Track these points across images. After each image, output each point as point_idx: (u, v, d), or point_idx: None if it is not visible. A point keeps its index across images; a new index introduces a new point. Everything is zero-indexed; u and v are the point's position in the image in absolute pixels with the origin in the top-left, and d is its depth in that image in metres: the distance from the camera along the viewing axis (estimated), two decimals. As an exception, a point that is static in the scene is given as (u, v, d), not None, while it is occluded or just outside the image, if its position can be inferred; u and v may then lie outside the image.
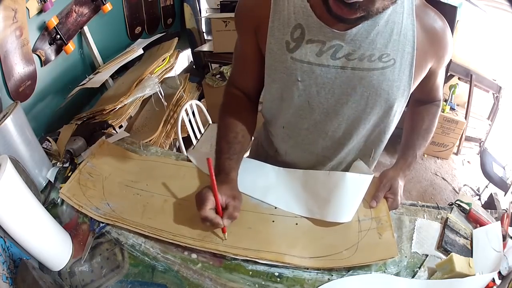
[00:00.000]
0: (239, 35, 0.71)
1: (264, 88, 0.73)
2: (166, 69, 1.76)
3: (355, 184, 0.69)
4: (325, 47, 0.60)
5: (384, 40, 0.59)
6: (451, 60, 2.45)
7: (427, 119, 0.81)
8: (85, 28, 1.65)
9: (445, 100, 2.52)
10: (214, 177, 0.63)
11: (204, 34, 2.87)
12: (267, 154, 0.88)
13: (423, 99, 0.83)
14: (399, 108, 0.68)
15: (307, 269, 0.62)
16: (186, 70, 2.79)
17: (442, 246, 0.67)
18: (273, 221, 0.69)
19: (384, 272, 0.62)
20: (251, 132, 0.77)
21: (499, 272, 0.62)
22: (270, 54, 0.65)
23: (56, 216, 0.73)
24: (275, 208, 0.71)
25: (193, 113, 1.89)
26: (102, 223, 0.70)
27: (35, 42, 1.39)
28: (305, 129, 0.73)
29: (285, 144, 0.80)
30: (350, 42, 0.59)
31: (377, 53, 0.59)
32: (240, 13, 0.68)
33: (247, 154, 0.96)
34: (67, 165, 0.87)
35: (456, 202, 0.77)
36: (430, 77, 0.71)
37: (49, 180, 0.83)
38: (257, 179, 0.77)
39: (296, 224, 0.69)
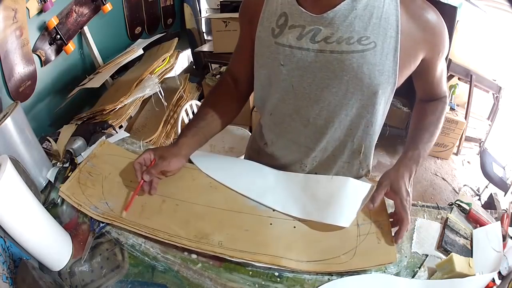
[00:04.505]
0: (239, 26, 0.78)
1: (254, 78, 0.76)
2: (166, 69, 1.76)
3: (357, 190, 0.69)
4: (304, 31, 0.63)
5: (362, 23, 0.59)
6: (451, 60, 2.46)
7: (430, 114, 0.79)
8: (85, 28, 1.66)
9: (445, 100, 2.52)
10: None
11: (204, 34, 2.88)
12: (259, 147, 0.89)
13: (427, 97, 0.82)
14: (384, 96, 0.67)
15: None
16: (186, 70, 2.79)
17: (442, 246, 0.67)
18: (271, 224, 0.68)
19: (384, 272, 0.62)
20: (226, 116, 0.83)
21: (499, 272, 0.62)
22: (258, 41, 0.69)
23: (56, 216, 0.73)
24: (273, 210, 0.71)
25: (193, 113, 1.89)
26: (102, 223, 0.70)
27: (35, 42, 1.40)
28: (288, 116, 0.74)
29: (272, 133, 0.82)
30: (327, 26, 0.60)
31: (355, 36, 0.60)
32: (241, 7, 0.76)
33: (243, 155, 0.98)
34: (67, 165, 0.87)
35: (456, 202, 0.77)
36: (428, 69, 0.70)
37: (49, 180, 0.83)
38: (255, 180, 0.77)
39: (294, 227, 0.68)
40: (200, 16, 2.75)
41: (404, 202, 0.64)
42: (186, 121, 1.80)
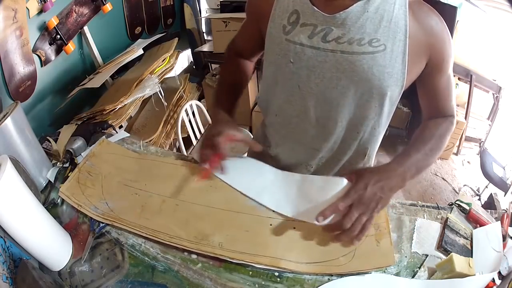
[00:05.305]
0: (246, 14, 0.80)
1: (262, 77, 0.78)
2: (166, 69, 1.76)
3: None
4: (316, 30, 0.63)
5: (373, 26, 0.60)
6: (451, 60, 2.46)
7: (433, 127, 0.73)
8: (85, 28, 1.66)
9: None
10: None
11: (204, 34, 2.88)
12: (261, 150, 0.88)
13: (433, 112, 0.76)
14: (392, 98, 0.67)
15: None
16: (186, 70, 2.79)
17: (442, 246, 0.67)
18: (271, 225, 0.68)
19: (384, 272, 0.63)
20: (246, 76, 0.90)
21: (499, 272, 0.62)
22: (269, 37, 0.69)
23: (56, 216, 0.73)
24: (273, 211, 0.71)
25: (193, 113, 1.89)
26: (102, 223, 0.70)
27: (35, 42, 1.40)
28: (295, 117, 0.74)
29: (277, 135, 0.82)
30: (339, 26, 0.61)
31: (366, 38, 0.60)
32: (247, 5, 0.77)
33: (246, 154, 0.97)
34: (67, 165, 0.87)
35: (456, 202, 0.77)
36: (432, 76, 0.69)
37: (49, 180, 0.83)
38: (255, 178, 0.77)
39: (294, 228, 0.68)
40: (200, 16, 2.75)
41: (352, 190, 0.59)
42: (186, 121, 1.80)
